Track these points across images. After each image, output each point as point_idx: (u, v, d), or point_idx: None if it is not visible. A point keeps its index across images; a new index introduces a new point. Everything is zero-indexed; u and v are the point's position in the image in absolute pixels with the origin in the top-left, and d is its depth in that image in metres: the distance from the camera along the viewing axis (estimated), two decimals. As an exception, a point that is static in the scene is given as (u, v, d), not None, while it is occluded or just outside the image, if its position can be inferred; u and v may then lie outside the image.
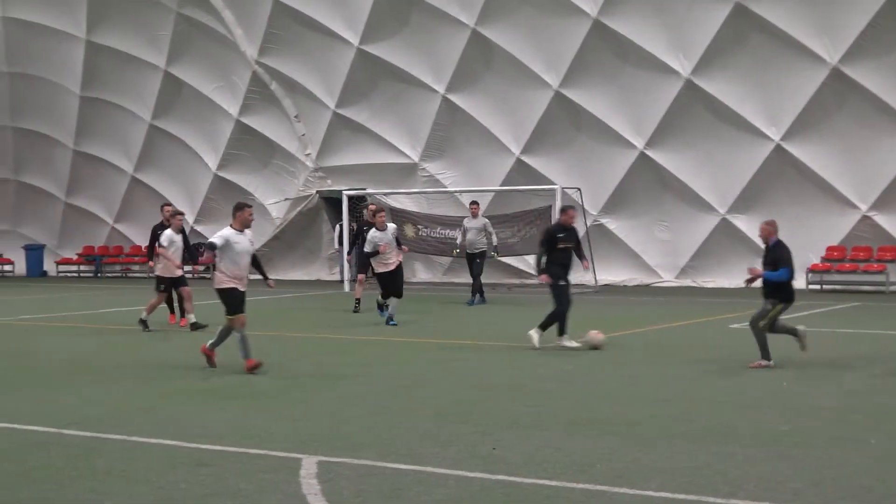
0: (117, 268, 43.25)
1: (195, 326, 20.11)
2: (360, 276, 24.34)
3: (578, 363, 15.47)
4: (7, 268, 44.48)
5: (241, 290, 14.77)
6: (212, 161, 39.18)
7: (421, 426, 10.62)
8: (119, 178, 41.57)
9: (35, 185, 43.44)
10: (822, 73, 29.28)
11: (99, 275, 43.15)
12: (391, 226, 21.94)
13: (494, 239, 27.30)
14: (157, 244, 20.85)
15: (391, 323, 20.65)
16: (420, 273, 36.72)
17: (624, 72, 31.67)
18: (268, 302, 26.14)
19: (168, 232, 20.68)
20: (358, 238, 24.97)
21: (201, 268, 20.64)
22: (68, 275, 43.66)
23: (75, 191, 42.85)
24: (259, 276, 15.82)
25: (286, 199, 38.06)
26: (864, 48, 28.63)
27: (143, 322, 20.44)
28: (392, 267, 21.10)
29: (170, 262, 20.45)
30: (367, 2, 33.83)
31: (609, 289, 31.61)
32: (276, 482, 8.41)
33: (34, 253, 44.03)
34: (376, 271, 21.41)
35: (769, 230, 14.89)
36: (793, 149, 30.27)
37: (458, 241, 27.98)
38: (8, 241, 44.41)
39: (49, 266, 44.14)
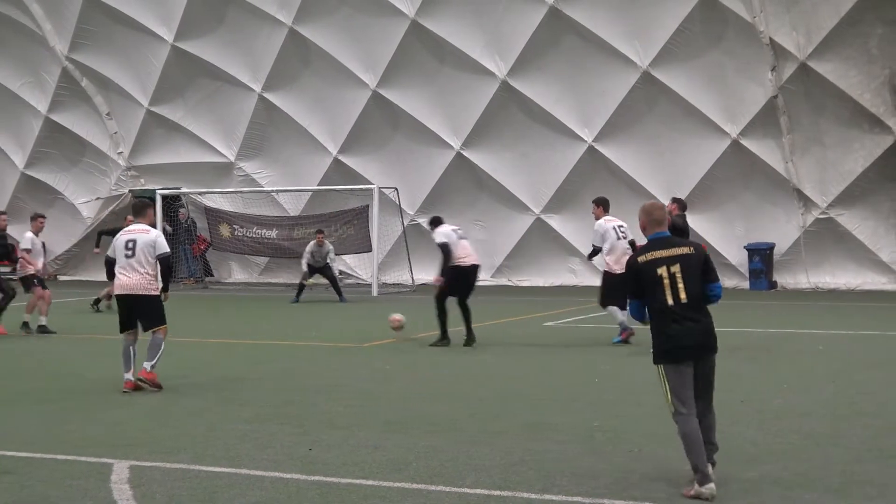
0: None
1: None
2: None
3: (397, 363, 15.51)
4: None
5: None
6: (19, 159, 37.98)
7: (239, 428, 10.49)
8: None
9: None
10: (633, 76, 30.03)
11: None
12: None
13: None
14: None
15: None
16: (236, 273, 36.33)
17: (441, 72, 31.91)
18: (79, 303, 25.45)
19: (29, 235, 20.34)
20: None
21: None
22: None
23: None
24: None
25: (97, 199, 37.16)
26: (674, 52, 29.48)
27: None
28: None
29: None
30: (182, -1, 33.32)
31: (426, 288, 31.74)
32: (86, 488, 8.20)
33: None
34: None
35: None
36: (605, 150, 30.96)
37: (304, 269, 27.62)
38: None
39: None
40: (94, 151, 36.94)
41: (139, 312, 13.06)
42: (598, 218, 17.74)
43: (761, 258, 29.99)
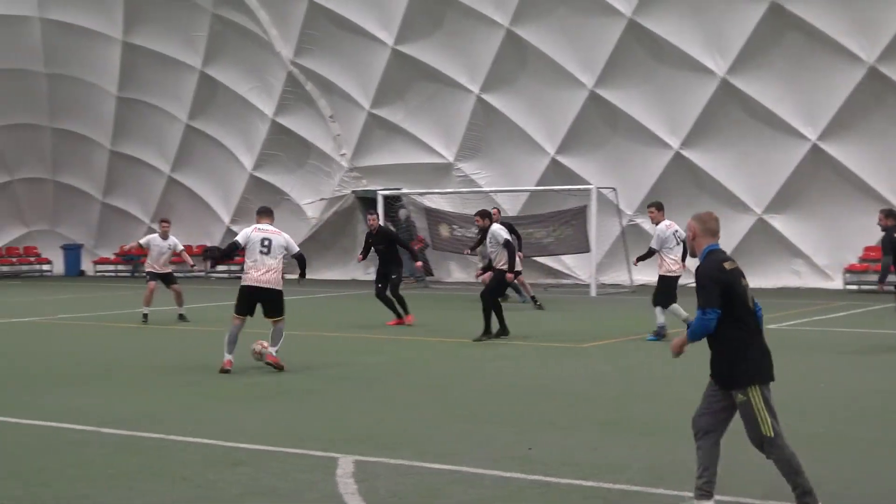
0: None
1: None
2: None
3: (615, 365, 15.42)
4: (45, 267, 44.79)
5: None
6: (247, 161, 39.32)
7: (456, 426, 10.62)
8: (156, 177, 41.78)
9: (73, 185, 43.71)
10: (858, 73, 29.08)
11: (135, 274, 43.33)
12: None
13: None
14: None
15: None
16: (455, 272, 36.72)
17: (659, 71, 31.55)
18: (303, 301, 26.19)
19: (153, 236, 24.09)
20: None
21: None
22: (105, 274, 43.93)
23: (112, 191, 43.09)
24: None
25: (321, 199, 38.14)
26: (903, 46, 28.44)
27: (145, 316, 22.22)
28: None
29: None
30: (402, 2, 33.86)
31: (645, 289, 31.46)
32: (313, 481, 8.43)
33: (72, 252, 44.33)
34: None
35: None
36: (829, 148, 30.09)
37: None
38: (46, 240, 44.72)
39: (86, 265, 44.43)
40: (318, 153, 37.93)
41: (265, 303, 14.81)
42: (656, 221, 18.39)
43: None
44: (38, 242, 44.90)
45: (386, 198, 34.14)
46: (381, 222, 31.97)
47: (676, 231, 18.06)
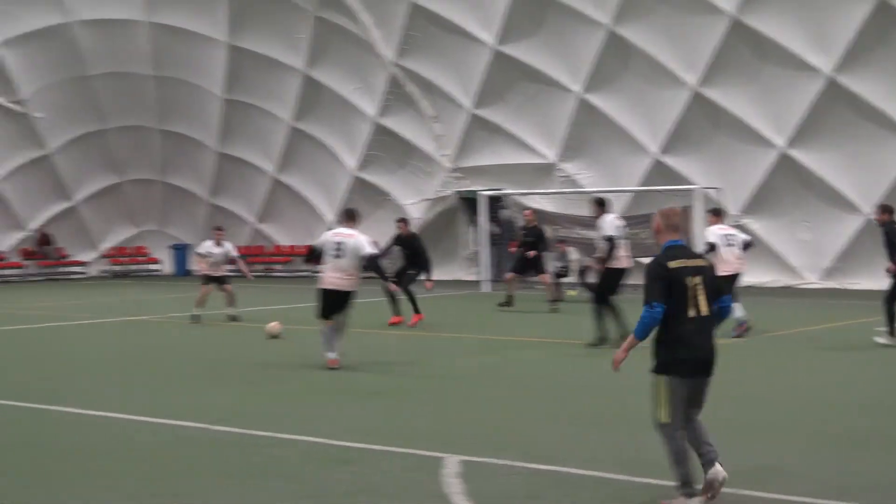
0: (259, 267, 44.03)
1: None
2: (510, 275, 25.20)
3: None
4: (155, 267, 45.63)
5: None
6: (351, 162, 39.67)
7: (561, 427, 10.66)
8: (261, 178, 42.34)
9: (181, 186, 44.47)
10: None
11: (241, 274, 43.95)
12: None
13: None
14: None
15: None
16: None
17: (763, 70, 31.15)
18: (406, 302, 26.32)
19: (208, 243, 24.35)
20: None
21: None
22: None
23: (219, 191, 43.76)
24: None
25: (424, 200, 38.34)
26: None
27: (195, 316, 22.89)
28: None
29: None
30: (503, 2, 33.90)
31: (752, 290, 31.13)
32: (419, 480, 8.55)
33: (180, 252, 45.10)
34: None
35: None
36: (941, 147, 29.50)
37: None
38: (155, 240, 45.56)
39: (194, 265, 45.20)
40: (421, 154, 38.12)
41: (339, 305, 15.13)
42: (711, 225, 19.60)
43: None
44: (148, 242, 45.75)
45: (488, 198, 34.18)
46: (485, 223, 32.15)
47: (728, 234, 19.53)
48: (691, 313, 7.72)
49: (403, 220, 24.25)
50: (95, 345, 19.48)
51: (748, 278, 30.49)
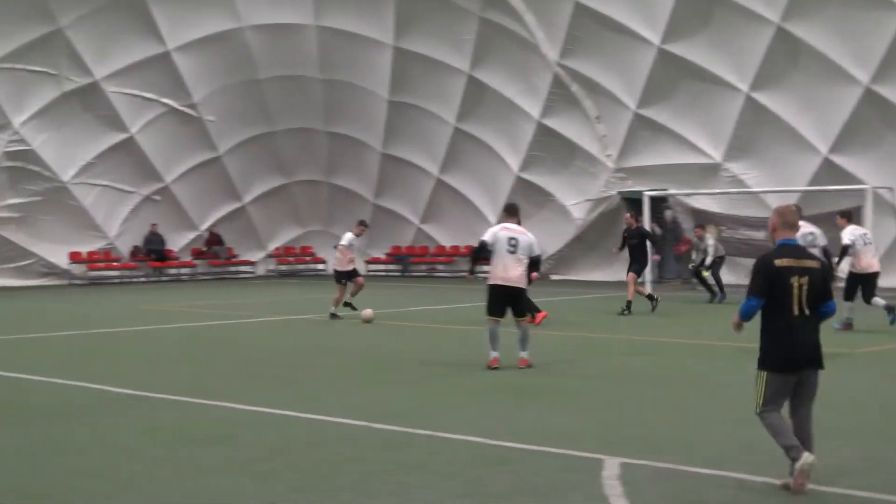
0: (423, 267, 44.43)
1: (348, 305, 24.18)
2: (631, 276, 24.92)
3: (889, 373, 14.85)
4: (320, 266, 46.40)
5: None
6: (514, 162, 39.69)
7: (722, 430, 10.46)
8: (424, 179, 42.70)
9: (346, 186, 45.14)
10: None
11: (405, 274, 44.46)
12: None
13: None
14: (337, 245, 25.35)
15: None
16: (723, 275, 35.99)
17: (941, 66, 30.13)
18: (568, 302, 26.28)
19: (350, 235, 24.73)
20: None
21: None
22: (376, 274, 45.14)
23: (383, 192, 44.29)
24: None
25: (587, 200, 38.14)
26: None
27: (334, 314, 23.75)
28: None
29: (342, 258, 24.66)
30: (669, 1, 33.47)
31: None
32: (578, 482, 8.48)
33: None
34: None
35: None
36: None
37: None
38: (321, 240, 46.32)
39: (358, 265, 45.73)
40: (584, 154, 37.91)
41: (513, 302, 15.13)
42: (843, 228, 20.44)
43: None
44: (313, 242, 46.57)
45: (652, 199, 33.84)
46: (649, 224, 31.83)
47: (864, 234, 20.59)
48: (792, 312, 8.06)
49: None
50: (257, 342, 19.86)
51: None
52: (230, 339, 20.50)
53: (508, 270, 15.04)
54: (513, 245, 15.07)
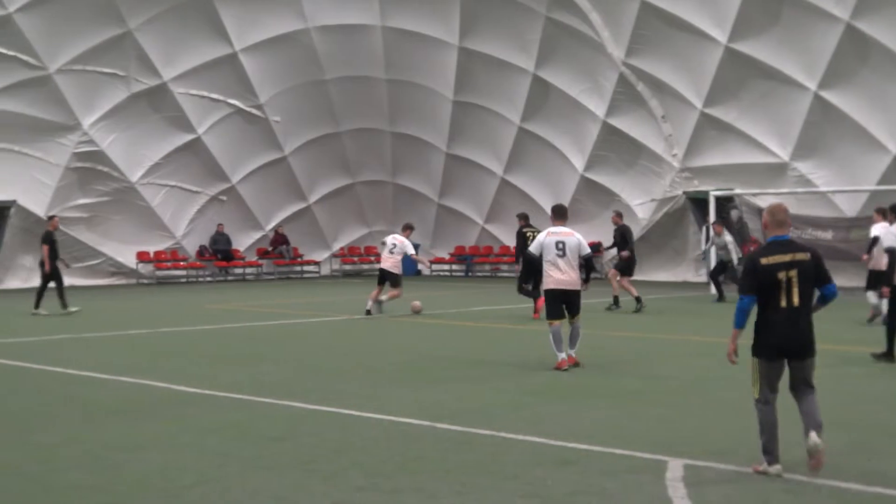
0: (486, 267, 44.43)
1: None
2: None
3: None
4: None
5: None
6: (578, 162, 39.56)
7: (787, 434, 10.34)
8: (489, 179, 42.70)
9: (411, 186, 45.27)
10: None
11: (469, 274, 44.47)
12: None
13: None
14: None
15: None
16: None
17: None
18: (631, 303, 26.12)
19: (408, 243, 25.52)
20: None
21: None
22: (440, 274, 45.24)
23: (447, 192, 44.35)
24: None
25: (652, 200, 37.91)
26: None
27: (368, 311, 24.53)
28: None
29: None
30: (737, -1, 33.20)
31: None
32: (642, 483, 8.43)
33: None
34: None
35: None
36: None
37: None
38: (386, 241, 46.51)
39: (422, 266, 45.89)
40: (649, 154, 37.70)
41: (568, 304, 15.38)
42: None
43: None
44: (378, 242, 46.73)
45: (718, 199, 33.56)
46: (712, 223, 31.60)
47: None
48: (781, 304, 8.65)
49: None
50: (320, 341, 19.96)
51: None
52: (294, 337, 20.63)
53: (562, 273, 15.30)
54: (560, 248, 15.34)
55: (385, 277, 25.00)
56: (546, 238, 15.51)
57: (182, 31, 38.17)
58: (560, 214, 15.96)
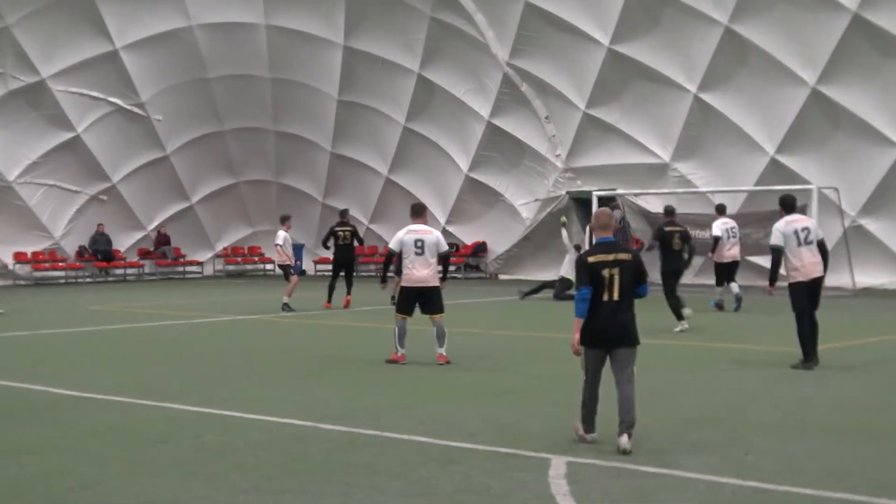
0: (371, 267, 44.34)
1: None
2: None
3: (845, 371, 14.96)
4: (269, 266, 46.18)
5: None
6: (463, 162, 39.71)
7: (670, 431, 10.51)
8: (374, 179, 42.61)
9: (295, 186, 44.96)
10: None
11: (354, 274, 44.25)
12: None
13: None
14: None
15: None
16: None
17: (885, 67, 30.39)
18: (505, 303, 26.33)
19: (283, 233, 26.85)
20: None
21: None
22: (325, 274, 44.98)
23: (332, 192, 44.12)
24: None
25: (536, 200, 38.22)
26: None
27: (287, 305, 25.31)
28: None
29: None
30: (619, 1, 33.58)
31: (868, 293, 30.48)
32: (525, 481, 8.48)
33: (294, 252, 45.49)
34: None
35: None
36: None
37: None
38: (270, 240, 46.07)
39: (308, 265, 45.63)
40: (533, 154, 37.99)
41: (424, 301, 15.70)
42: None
43: None
44: (262, 242, 46.34)
45: (601, 198, 33.97)
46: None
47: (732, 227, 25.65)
48: (603, 298, 9.69)
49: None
50: (203, 342, 19.76)
51: (862, 280, 30.03)
52: (176, 339, 20.38)
53: (419, 271, 15.59)
54: (419, 246, 15.62)
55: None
56: (405, 236, 15.72)
57: (61, 28, 37.43)
58: (418, 213, 16.21)
